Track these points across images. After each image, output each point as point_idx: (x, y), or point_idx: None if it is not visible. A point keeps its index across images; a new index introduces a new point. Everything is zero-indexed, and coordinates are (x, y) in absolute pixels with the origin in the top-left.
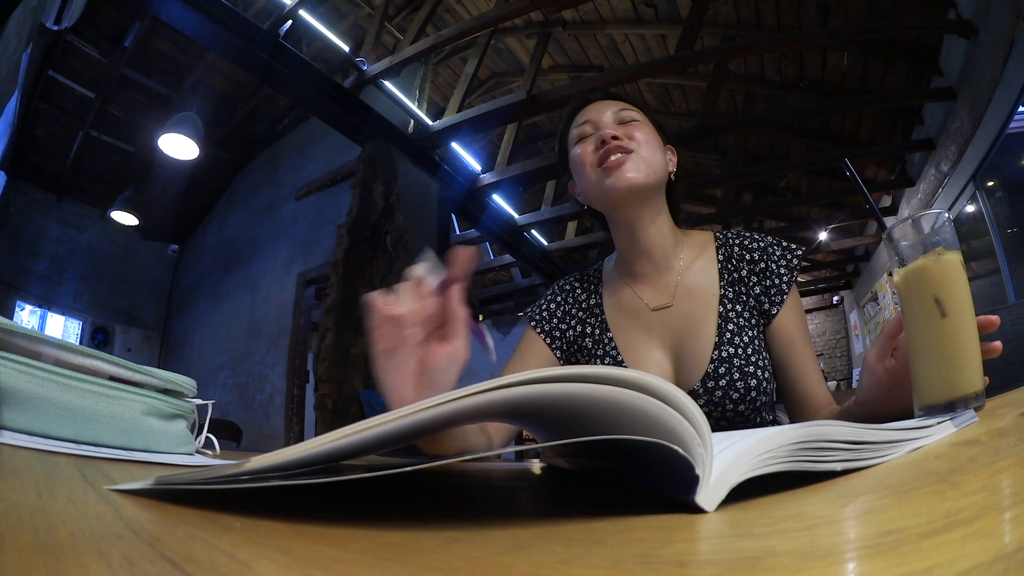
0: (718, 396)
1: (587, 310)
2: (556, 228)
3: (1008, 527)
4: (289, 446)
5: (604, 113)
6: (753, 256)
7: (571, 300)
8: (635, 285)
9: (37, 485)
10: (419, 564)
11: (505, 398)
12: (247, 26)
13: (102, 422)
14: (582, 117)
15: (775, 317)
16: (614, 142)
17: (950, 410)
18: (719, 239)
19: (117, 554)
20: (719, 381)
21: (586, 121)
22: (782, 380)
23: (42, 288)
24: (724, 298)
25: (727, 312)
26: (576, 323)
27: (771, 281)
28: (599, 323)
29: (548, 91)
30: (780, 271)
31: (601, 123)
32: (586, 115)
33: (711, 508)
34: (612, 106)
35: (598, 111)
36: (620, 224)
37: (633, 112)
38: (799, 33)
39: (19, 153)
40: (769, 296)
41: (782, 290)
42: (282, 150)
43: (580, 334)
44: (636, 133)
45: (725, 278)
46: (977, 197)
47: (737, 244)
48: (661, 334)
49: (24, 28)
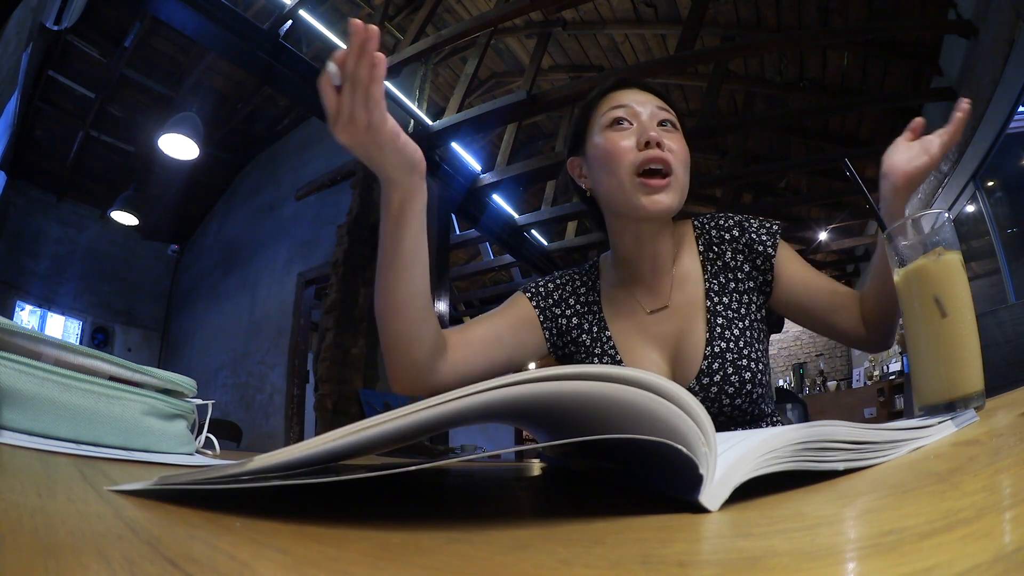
0: (714, 392)
1: (585, 304)
2: (556, 228)
3: (1008, 527)
4: (290, 446)
5: (646, 106)
6: (733, 234)
7: (570, 289)
8: (632, 286)
9: (37, 485)
10: (419, 564)
11: (509, 396)
12: (247, 26)
13: (102, 422)
14: (619, 99)
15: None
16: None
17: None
18: (696, 228)
19: (117, 554)
20: (713, 377)
21: (623, 106)
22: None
23: (42, 288)
24: (710, 291)
25: (714, 306)
26: (572, 315)
27: (756, 251)
28: (597, 320)
29: (548, 91)
30: (763, 238)
31: (643, 119)
32: (624, 98)
33: (715, 508)
34: (653, 101)
35: (639, 100)
36: (629, 231)
37: (669, 114)
38: (799, 33)
39: (19, 153)
40: (758, 267)
41: (769, 255)
42: (282, 150)
43: (576, 327)
44: (675, 145)
45: (708, 269)
46: (977, 197)
47: (714, 227)
48: (657, 336)
49: (24, 28)
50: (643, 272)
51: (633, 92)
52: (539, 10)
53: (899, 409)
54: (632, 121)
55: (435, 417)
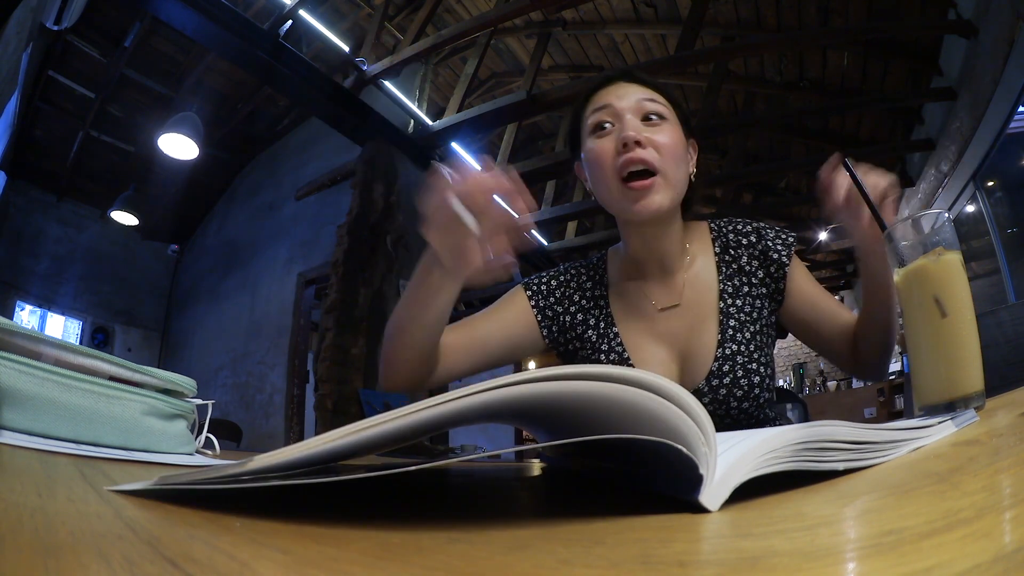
0: (722, 394)
1: (591, 300)
2: (556, 228)
3: (1008, 527)
4: (289, 446)
5: (627, 101)
6: (750, 239)
7: (574, 285)
8: (643, 284)
9: (37, 485)
10: (419, 564)
11: (509, 396)
12: (247, 26)
13: (102, 422)
14: (601, 100)
15: (786, 293)
16: (638, 150)
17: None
18: (713, 230)
19: (117, 554)
20: (723, 379)
21: (605, 107)
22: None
23: (42, 288)
24: (724, 293)
25: (727, 308)
26: (576, 310)
27: (771, 258)
28: (604, 316)
29: (548, 91)
30: (778, 247)
31: (623, 116)
32: (606, 98)
33: (715, 508)
34: (636, 92)
35: (620, 96)
36: (634, 233)
37: (658, 103)
38: (799, 33)
39: (19, 153)
40: (772, 275)
41: (783, 263)
42: (282, 150)
43: (581, 323)
44: (660, 139)
45: (723, 271)
46: (977, 197)
47: (731, 231)
48: (667, 334)
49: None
50: (653, 270)
51: (616, 87)
52: (539, 10)
53: (899, 409)
54: (614, 122)
55: (435, 417)
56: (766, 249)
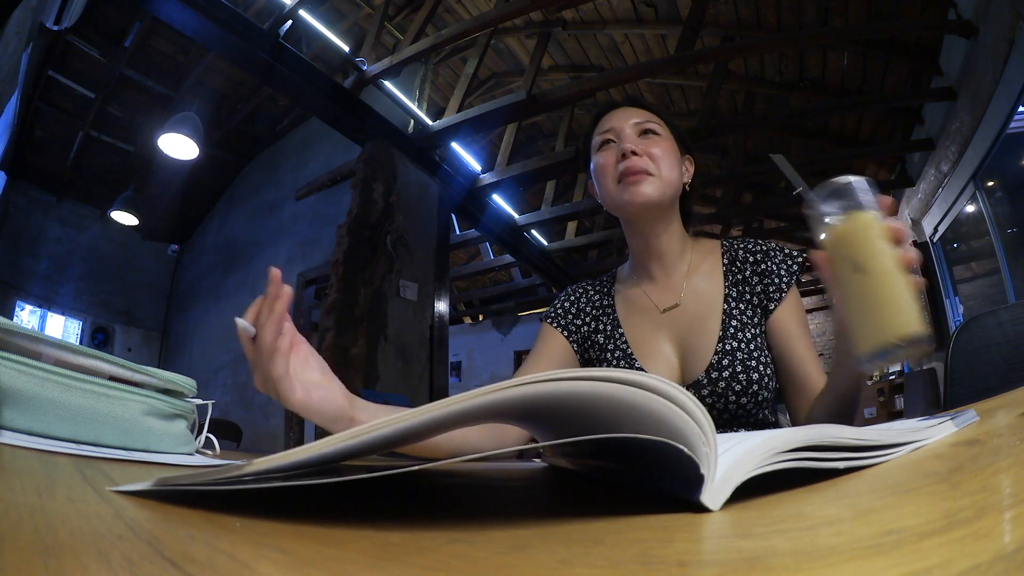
0: (721, 387)
1: (600, 308)
2: (556, 228)
3: (1008, 527)
4: (291, 448)
5: (627, 122)
6: (756, 258)
7: (584, 300)
8: (646, 286)
9: (37, 485)
10: (419, 564)
11: (512, 398)
12: (247, 26)
13: (102, 422)
14: (605, 124)
15: (772, 313)
16: (634, 158)
17: (888, 353)
18: (725, 246)
19: (117, 554)
20: (722, 372)
21: (609, 129)
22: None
23: (42, 288)
24: (728, 296)
25: (731, 309)
26: (590, 320)
27: (770, 280)
28: (611, 320)
29: (548, 91)
30: (780, 272)
31: (623, 134)
32: (610, 122)
33: (716, 507)
34: (635, 116)
35: (621, 120)
36: (635, 230)
37: (655, 124)
38: (799, 33)
39: (19, 153)
40: (768, 294)
41: (781, 288)
42: (282, 150)
43: (593, 330)
44: (655, 149)
45: (729, 279)
46: (977, 197)
47: (741, 248)
48: (669, 331)
49: (24, 28)
50: (653, 270)
51: (620, 112)
52: (539, 10)
53: (899, 409)
54: (616, 139)
55: (440, 418)
56: (768, 271)
